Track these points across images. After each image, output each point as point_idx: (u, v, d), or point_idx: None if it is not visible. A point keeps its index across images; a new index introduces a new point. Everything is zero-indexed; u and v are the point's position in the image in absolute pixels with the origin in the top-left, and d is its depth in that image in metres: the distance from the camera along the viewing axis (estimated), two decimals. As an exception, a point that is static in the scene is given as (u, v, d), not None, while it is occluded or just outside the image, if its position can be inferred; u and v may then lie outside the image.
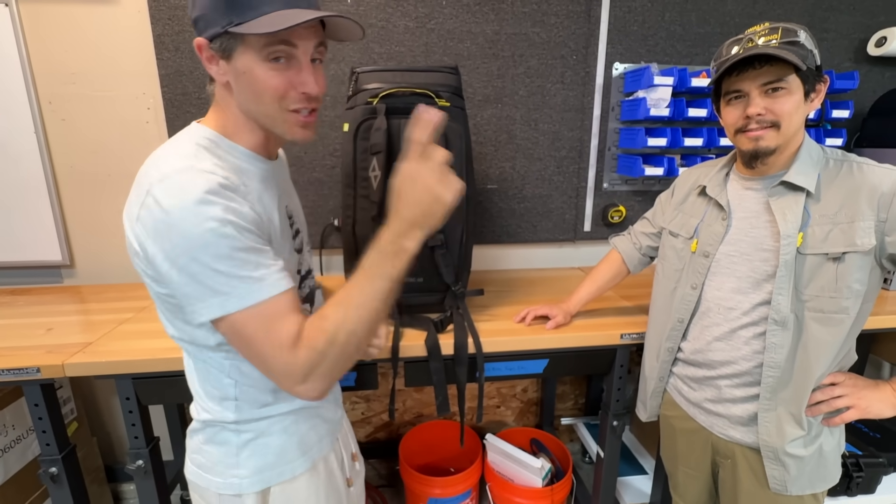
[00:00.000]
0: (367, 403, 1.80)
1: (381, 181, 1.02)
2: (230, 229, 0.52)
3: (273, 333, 0.54)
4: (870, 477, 1.41)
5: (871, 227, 0.74)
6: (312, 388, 0.56)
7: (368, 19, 1.42)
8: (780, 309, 0.79)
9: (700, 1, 1.53)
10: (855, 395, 0.81)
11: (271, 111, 0.59)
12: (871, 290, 0.79)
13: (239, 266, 0.53)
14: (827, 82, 0.76)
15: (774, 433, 0.82)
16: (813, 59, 0.74)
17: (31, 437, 1.36)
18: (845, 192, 0.76)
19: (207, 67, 0.59)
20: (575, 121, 1.59)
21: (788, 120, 0.76)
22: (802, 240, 0.77)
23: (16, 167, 1.40)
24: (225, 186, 0.54)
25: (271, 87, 0.57)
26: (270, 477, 0.69)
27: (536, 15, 1.49)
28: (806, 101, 0.77)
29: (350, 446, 0.87)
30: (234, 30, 0.54)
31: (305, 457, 0.72)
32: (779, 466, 0.83)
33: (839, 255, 0.75)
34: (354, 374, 1.09)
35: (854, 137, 1.68)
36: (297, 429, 0.71)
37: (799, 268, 0.78)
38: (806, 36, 0.74)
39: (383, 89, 1.04)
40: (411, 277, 1.13)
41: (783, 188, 0.80)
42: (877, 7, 1.62)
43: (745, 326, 0.84)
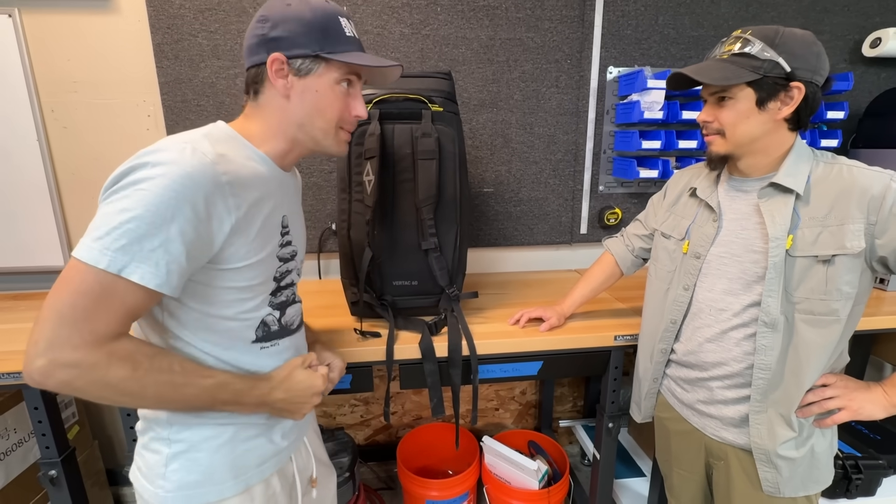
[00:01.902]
0: (365, 406, 1.81)
1: (374, 186, 1.04)
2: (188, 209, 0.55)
3: (95, 309, 0.53)
4: (869, 479, 1.40)
5: (861, 230, 0.74)
6: (45, 370, 0.52)
7: (364, 26, 1.44)
8: (770, 311, 0.79)
9: (693, 4, 1.55)
10: (846, 396, 0.82)
11: (328, 127, 0.70)
12: (861, 293, 0.79)
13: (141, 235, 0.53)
14: (801, 88, 0.74)
15: (766, 435, 0.83)
16: (775, 67, 0.74)
17: (32, 440, 1.38)
18: (835, 195, 0.76)
19: (272, 79, 0.65)
20: (570, 124, 1.60)
21: (732, 129, 0.79)
22: (792, 242, 0.77)
23: (19, 174, 1.43)
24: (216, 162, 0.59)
25: (337, 107, 0.69)
26: (194, 496, 0.66)
27: (530, 20, 1.50)
28: (761, 109, 0.77)
29: (311, 470, 0.84)
30: (328, 56, 0.65)
31: (238, 480, 0.69)
32: (771, 469, 0.83)
33: (829, 258, 0.75)
34: (350, 377, 1.10)
35: (850, 138, 1.68)
36: (232, 448, 0.68)
37: (789, 270, 0.78)
38: (763, 46, 0.74)
39: (377, 95, 1.06)
40: (406, 281, 1.14)
41: (772, 190, 0.81)
42: (871, 8, 1.62)
43: (736, 328, 0.84)
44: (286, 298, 0.74)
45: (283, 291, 0.73)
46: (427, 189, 1.07)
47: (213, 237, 0.59)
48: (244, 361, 0.68)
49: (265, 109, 0.68)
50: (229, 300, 0.64)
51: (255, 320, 0.69)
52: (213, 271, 0.61)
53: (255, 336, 0.69)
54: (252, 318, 0.68)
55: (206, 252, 0.59)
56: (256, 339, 0.69)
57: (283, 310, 0.73)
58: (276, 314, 0.72)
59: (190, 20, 1.38)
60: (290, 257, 0.74)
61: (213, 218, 0.58)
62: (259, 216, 0.65)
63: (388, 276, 1.13)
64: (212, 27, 1.39)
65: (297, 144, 0.71)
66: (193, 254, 0.57)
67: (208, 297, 0.63)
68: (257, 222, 0.64)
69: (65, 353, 0.52)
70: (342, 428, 1.67)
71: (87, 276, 0.52)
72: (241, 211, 0.61)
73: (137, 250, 0.53)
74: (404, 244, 1.11)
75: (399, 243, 1.11)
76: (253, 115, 0.69)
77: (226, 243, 0.60)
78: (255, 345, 0.69)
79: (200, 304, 0.63)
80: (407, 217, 1.10)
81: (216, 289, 0.63)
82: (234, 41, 1.41)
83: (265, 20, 0.64)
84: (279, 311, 0.72)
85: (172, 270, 0.55)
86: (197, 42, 1.39)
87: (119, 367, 0.55)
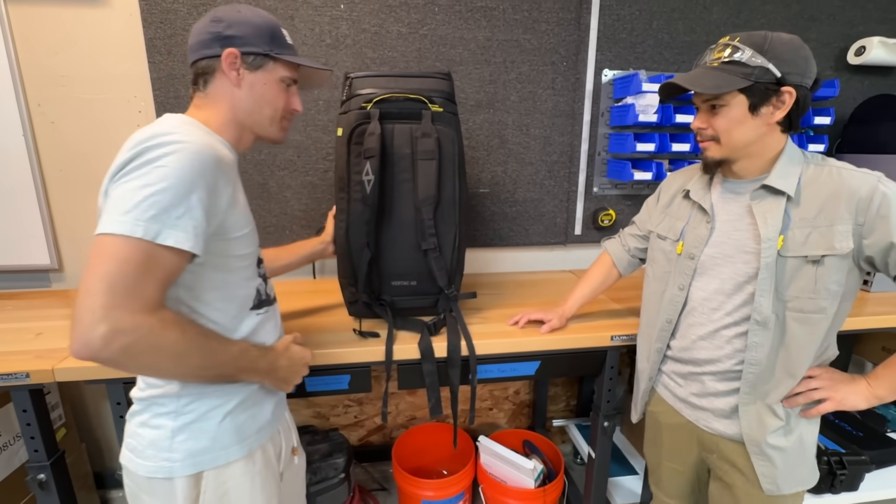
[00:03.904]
0: (359, 407, 1.80)
1: (374, 185, 1.03)
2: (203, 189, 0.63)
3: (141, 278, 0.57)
4: (853, 475, 1.44)
5: (850, 231, 0.76)
6: (107, 336, 0.54)
7: (362, 25, 1.43)
8: (762, 310, 0.81)
9: (687, 10, 1.57)
10: (831, 387, 0.84)
11: (274, 115, 0.80)
12: (849, 291, 0.81)
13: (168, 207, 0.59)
14: (793, 93, 0.76)
15: (755, 426, 0.85)
16: (765, 73, 0.75)
17: (17, 443, 1.34)
18: (825, 196, 0.78)
19: (226, 70, 0.73)
20: (565, 126, 1.62)
21: (727, 135, 0.81)
22: (783, 243, 0.80)
23: (4, 170, 1.38)
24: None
25: (280, 100, 0.80)
26: (204, 461, 0.71)
27: (528, 22, 1.51)
28: (754, 115, 0.78)
29: (291, 441, 0.91)
30: (277, 55, 0.76)
31: (242, 444, 0.75)
32: (765, 461, 0.86)
33: (818, 258, 0.78)
34: (348, 378, 1.09)
35: (835, 143, 1.72)
36: (234, 416, 0.74)
37: (780, 270, 0.80)
38: (753, 53, 0.76)
39: (377, 94, 1.05)
40: (405, 281, 1.14)
41: (764, 192, 0.83)
42: (856, 18, 1.67)
43: (728, 326, 0.87)
44: (264, 270, 0.83)
45: (261, 263, 0.82)
46: (427, 189, 1.07)
47: (219, 207, 0.66)
48: (245, 328, 0.75)
49: (216, 99, 0.75)
50: (237, 267, 0.73)
51: (254, 287, 0.77)
52: (220, 241, 0.68)
53: (254, 303, 0.77)
54: (251, 286, 0.77)
55: (215, 219, 0.66)
56: (254, 306, 0.77)
57: (265, 280, 0.82)
58: (264, 284, 0.80)
59: (184, 15, 1.36)
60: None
61: (217, 190, 0.65)
62: (239, 193, 0.74)
63: (387, 276, 1.13)
64: (206, 23, 1.37)
65: (245, 130, 0.79)
66: (209, 218, 0.64)
67: (221, 266, 0.70)
68: (241, 199, 0.73)
69: (124, 318, 0.55)
70: (336, 429, 1.66)
71: (128, 246, 0.56)
72: (230, 187, 0.69)
73: (166, 218, 0.58)
74: (403, 244, 1.11)
75: (398, 243, 1.11)
76: (204, 106, 0.76)
77: (226, 214, 0.68)
78: (253, 311, 0.77)
79: (215, 274, 0.69)
80: (406, 217, 1.10)
81: (226, 257, 0.70)
82: (228, 37, 1.39)
83: (219, 20, 0.73)
84: (264, 280, 0.81)
85: (199, 234, 0.62)
86: (191, 37, 1.37)
87: (172, 330, 0.60)
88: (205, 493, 0.72)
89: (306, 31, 1.41)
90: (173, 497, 0.70)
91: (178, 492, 0.70)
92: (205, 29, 0.74)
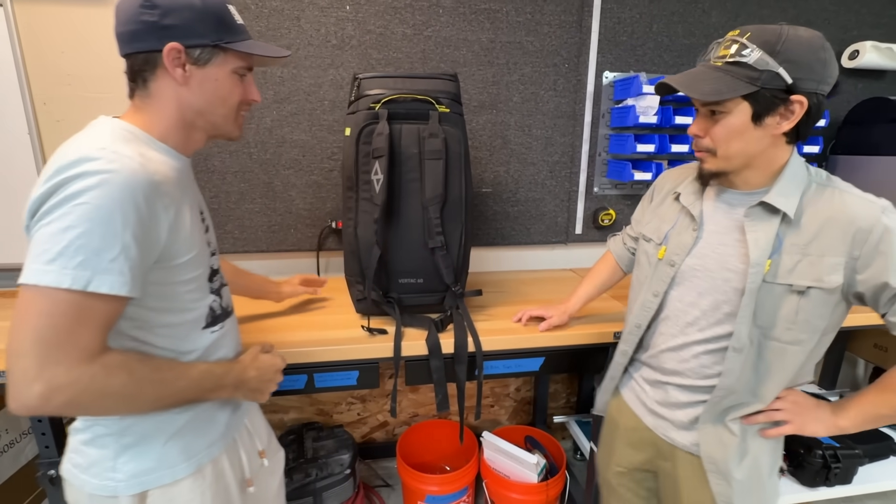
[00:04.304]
0: (363, 404, 1.82)
1: (383, 184, 1.05)
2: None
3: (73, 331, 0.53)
4: (847, 468, 1.48)
5: (841, 264, 0.70)
6: (44, 394, 0.52)
7: (367, 26, 1.45)
8: (741, 338, 0.76)
9: (686, 13, 1.60)
10: (793, 411, 0.79)
11: (229, 112, 0.72)
12: (831, 325, 0.76)
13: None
14: (803, 102, 0.67)
15: (714, 444, 0.82)
16: (774, 78, 0.66)
17: (24, 441, 1.35)
18: (821, 222, 0.71)
19: (169, 68, 0.64)
20: (567, 127, 1.64)
21: (725, 146, 0.73)
22: (770, 267, 0.73)
23: (10, 168, 1.39)
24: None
25: (237, 93, 0.71)
26: (149, 481, 0.68)
27: (530, 24, 1.53)
28: (757, 125, 0.70)
29: (256, 445, 0.88)
30: (227, 46, 0.66)
31: (190, 461, 0.71)
32: (721, 481, 0.82)
33: (804, 289, 0.71)
34: (356, 373, 1.11)
35: (830, 145, 1.76)
36: (182, 435, 0.71)
37: (761, 295, 0.74)
38: (762, 55, 0.66)
39: (385, 95, 1.07)
40: (412, 278, 1.16)
41: (761, 210, 0.75)
42: (850, 22, 1.71)
43: (699, 343, 0.82)
44: (220, 283, 0.78)
45: (216, 276, 0.77)
46: (434, 188, 1.09)
47: (158, 237, 0.61)
48: (200, 348, 0.72)
49: (159, 99, 0.66)
50: (181, 293, 0.67)
51: (206, 306, 0.73)
52: (162, 270, 0.63)
53: (207, 321, 0.73)
54: (202, 305, 0.72)
55: (153, 252, 0.61)
56: (206, 325, 0.73)
57: (220, 294, 0.77)
58: (218, 299, 0.76)
59: (190, 15, 1.37)
60: (210, 241, 0.77)
61: (154, 218, 0.59)
62: (186, 211, 0.67)
63: (394, 274, 1.14)
64: (213, 23, 1.38)
65: (197, 131, 0.71)
66: (145, 255, 0.59)
67: (164, 295, 0.65)
68: (187, 217, 0.67)
69: (60, 374, 0.52)
70: (341, 426, 1.68)
71: (56, 298, 0.52)
72: (172, 209, 0.63)
73: (97, 263, 0.53)
74: (410, 242, 1.13)
75: (405, 241, 1.13)
76: (145, 107, 0.67)
77: (167, 241, 0.62)
78: (205, 330, 0.73)
79: (158, 303, 0.64)
80: (413, 216, 1.12)
81: (169, 285, 0.65)
82: (235, 37, 1.40)
83: (153, 6, 0.61)
84: (218, 295, 0.76)
85: (136, 274, 0.57)
86: (197, 37, 1.38)
87: (117, 375, 0.57)
88: None
89: (312, 31, 1.43)
90: None
91: None
92: (135, 17, 0.62)
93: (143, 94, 0.66)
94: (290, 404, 1.75)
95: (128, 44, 0.64)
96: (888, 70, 1.74)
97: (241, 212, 1.52)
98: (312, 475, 1.38)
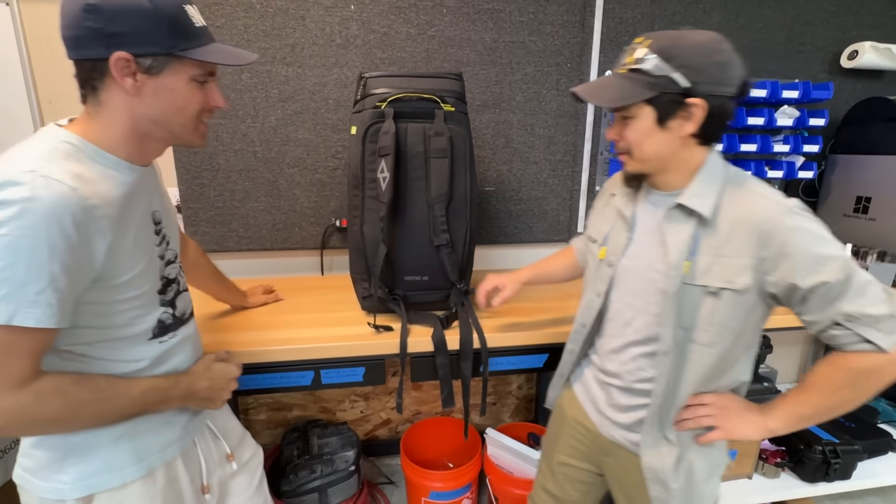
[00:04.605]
0: (366, 402, 1.83)
1: (389, 182, 1.06)
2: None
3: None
4: (846, 464, 1.50)
5: (750, 266, 0.70)
6: None
7: (371, 25, 1.46)
8: (666, 339, 0.77)
9: (687, 14, 1.62)
10: (722, 415, 0.78)
11: (189, 122, 0.67)
12: (749, 328, 0.76)
13: None
14: (701, 105, 0.68)
15: (653, 453, 0.82)
16: (671, 83, 0.68)
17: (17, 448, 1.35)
18: (732, 223, 0.72)
19: (118, 78, 0.59)
20: (569, 126, 1.65)
21: (637, 148, 0.75)
22: (689, 269, 0.74)
23: (15, 167, 1.39)
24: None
25: (196, 102, 0.66)
26: (95, 484, 0.66)
27: (533, 24, 1.55)
28: (662, 128, 0.72)
29: (223, 448, 0.86)
30: (183, 54, 0.61)
31: (141, 464, 0.70)
32: (660, 487, 0.83)
33: (716, 291, 0.72)
34: (363, 370, 1.12)
35: (829, 144, 1.78)
36: (133, 437, 0.69)
37: (683, 297, 0.75)
38: (658, 61, 0.68)
39: (391, 94, 1.08)
40: (417, 276, 1.17)
41: (678, 211, 0.76)
42: (849, 23, 1.72)
43: (635, 344, 0.83)
44: (175, 292, 0.75)
45: (171, 285, 0.74)
46: (439, 186, 1.10)
47: (93, 260, 0.58)
48: (147, 356, 0.70)
49: (110, 108, 0.62)
50: (122, 311, 0.65)
51: (153, 319, 0.70)
52: (100, 290, 0.61)
53: (153, 334, 0.70)
54: (147, 321, 0.69)
55: (87, 276, 0.59)
56: (153, 336, 0.71)
57: (173, 304, 0.74)
58: (170, 310, 0.73)
59: (196, 14, 1.37)
60: (165, 251, 0.74)
61: (88, 244, 0.57)
62: (131, 227, 0.64)
63: (400, 272, 1.15)
64: (218, 22, 1.39)
65: (152, 141, 0.67)
66: (77, 281, 0.57)
67: (102, 313, 0.63)
68: (131, 234, 0.64)
69: None
70: (345, 423, 1.69)
71: None
72: (112, 230, 0.60)
73: (22, 296, 0.52)
74: (416, 240, 1.14)
75: (411, 239, 1.14)
76: (96, 115, 0.63)
77: (105, 263, 0.60)
78: (153, 341, 0.71)
79: (96, 321, 0.63)
80: (419, 213, 1.13)
81: (107, 304, 0.63)
82: (240, 37, 1.41)
83: (96, 11, 0.56)
84: (170, 306, 0.74)
85: (66, 306, 0.56)
86: (203, 36, 1.39)
87: (50, 401, 0.57)
88: None
89: (317, 31, 1.43)
90: None
91: None
92: (77, 20, 0.57)
93: (93, 101, 0.62)
94: (294, 402, 1.76)
95: (72, 49, 0.60)
96: (887, 70, 1.75)
97: (246, 210, 1.53)
98: (318, 472, 1.39)
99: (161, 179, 0.80)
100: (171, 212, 0.80)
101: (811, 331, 0.72)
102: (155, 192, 0.74)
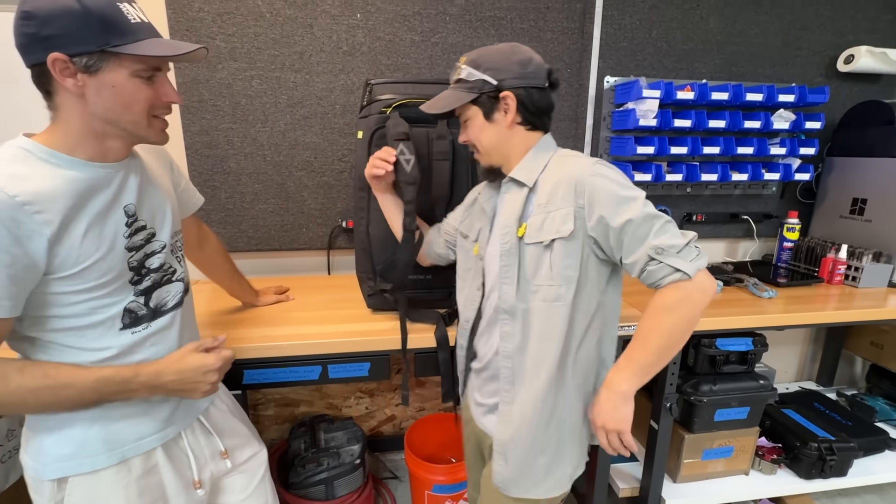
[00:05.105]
0: (370, 399, 1.87)
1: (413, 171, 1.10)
2: None
3: None
4: (842, 461, 1.52)
5: (571, 213, 0.79)
6: None
7: (377, 33, 1.51)
8: (507, 298, 0.85)
9: (684, 20, 1.65)
10: (599, 418, 0.82)
11: (139, 118, 0.68)
12: (590, 283, 0.82)
13: None
14: (510, 96, 0.82)
15: (503, 427, 0.87)
16: (485, 84, 0.83)
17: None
18: (554, 183, 0.82)
19: (60, 80, 0.61)
20: (569, 129, 1.69)
21: (479, 142, 0.88)
22: (525, 230, 0.83)
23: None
24: None
25: (143, 98, 0.67)
26: (68, 467, 0.70)
27: (534, 31, 1.59)
28: (490, 121, 0.85)
29: (217, 445, 0.87)
30: (115, 50, 0.62)
31: (113, 453, 0.72)
32: (501, 461, 0.88)
33: (549, 243, 0.81)
34: (368, 365, 1.16)
35: (826, 147, 1.81)
36: (108, 424, 0.71)
37: (524, 258, 0.83)
38: (470, 70, 0.84)
39: (396, 100, 1.13)
40: (420, 275, 1.21)
41: (511, 184, 0.88)
42: (845, 27, 1.76)
43: (493, 319, 0.90)
44: (153, 282, 0.76)
45: (150, 275, 0.75)
46: (441, 188, 1.15)
47: (34, 255, 0.61)
48: (116, 345, 0.71)
49: (64, 111, 0.64)
50: (82, 300, 0.67)
51: (117, 310, 0.71)
52: (51, 281, 0.64)
53: (123, 324, 0.72)
54: (112, 310, 0.70)
55: (33, 270, 0.62)
56: (125, 326, 0.72)
57: (149, 294, 0.75)
58: (141, 299, 0.74)
59: (209, 23, 1.43)
60: (143, 243, 0.74)
61: (24, 238, 0.60)
62: (82, 220, 0.65)
63: (404, 271, 1.19)
64: (229, 30, 1.44)
65: (111, 139, 0.68)
66: (19, 276, 0.60)
67: (60, 303, 0.66)
68: (81, 226, 0.65)
69: None
70: (351, 418, 1.73)
71: None
72: (54, 223, 0.62)
73: None
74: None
75: (414, 239, 1.18)
76: (56, 120, 0.66)
77: (50, 256, 0.62)
78: (124, 331, 0.72)
79: (56, 310, 0.66)
80: (422, 215, 1.17)
81: (63, 294, 0.65)
82: (250, 44, 1.46)
83: (30, 17, 0.59)
84: (144, 296, 0.74)
85: (11, 296, 0.60)
86: (215, 44, 1.44)
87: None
88: (70, 496, 0.70)
89: (324, 38, 1.49)
90: (43, 499, 0.71)
91: (45, 494, 0.71)
92: (19, 28, 0.60)
93: (51, 106, 0.65)
94: (301, 398, 1.81)
95: (23, 57, 0.63)
96: (882, 74, 1.78)
97: (256, 211, 1.58)
98: (324, 465, 1.43)
99: (152, 174, 0.80)
100: (162, 205, 0.80)
101: (633, 273, 0.79)
102: (134, 186, 0.74)
